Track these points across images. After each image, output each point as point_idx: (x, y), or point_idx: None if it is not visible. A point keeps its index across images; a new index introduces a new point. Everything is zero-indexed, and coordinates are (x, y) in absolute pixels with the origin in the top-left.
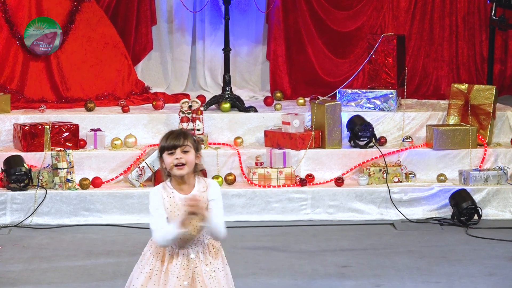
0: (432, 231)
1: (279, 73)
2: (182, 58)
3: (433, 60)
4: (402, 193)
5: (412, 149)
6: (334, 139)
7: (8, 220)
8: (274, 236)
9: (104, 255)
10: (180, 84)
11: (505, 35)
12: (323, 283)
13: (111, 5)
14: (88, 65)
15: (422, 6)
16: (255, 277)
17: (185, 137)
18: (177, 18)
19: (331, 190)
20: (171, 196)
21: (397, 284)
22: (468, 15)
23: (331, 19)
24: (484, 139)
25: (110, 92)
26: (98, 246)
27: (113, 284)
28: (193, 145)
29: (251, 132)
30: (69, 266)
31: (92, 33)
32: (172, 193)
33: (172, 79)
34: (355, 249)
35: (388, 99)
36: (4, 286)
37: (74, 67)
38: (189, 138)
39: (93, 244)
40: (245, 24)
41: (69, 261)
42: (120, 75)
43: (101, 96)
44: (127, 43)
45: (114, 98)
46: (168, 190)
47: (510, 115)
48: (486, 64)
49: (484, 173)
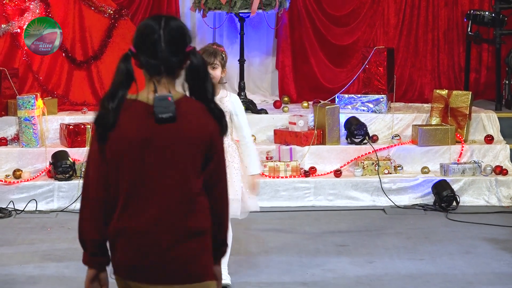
0: (417, 215)
1: (287, 80)
2: None
3: (418, 70)
4: (391, 183)
5: (400, 145)
6: (333, 137)
7: (55, 206)
8: (282, 219)
9: None
10: None
11: (479, 48)
12: (324, 260)
13: None
14: None
15: (408, 23)
16: (266, 255)
17: (215, 56)
18: (200, 34)
19: (331, 181)
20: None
21: (387, 261)
22: (448, 31)
23: (331, 34)
24: (462, 137)
25: None
26: None
27: None
28: (221, 63)
29: (263, 131)
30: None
31: (127, 46)
32: None
33: None
34: (351, 231)
35: (379, 102)
36: (53, 262)
37: (111, 75)
38: (218, 56)
39: None
40: (257, 38)
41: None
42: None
43: None
44: None
45: None
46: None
47: (483, 116)
48: (463, 73)
49: (461, 166)
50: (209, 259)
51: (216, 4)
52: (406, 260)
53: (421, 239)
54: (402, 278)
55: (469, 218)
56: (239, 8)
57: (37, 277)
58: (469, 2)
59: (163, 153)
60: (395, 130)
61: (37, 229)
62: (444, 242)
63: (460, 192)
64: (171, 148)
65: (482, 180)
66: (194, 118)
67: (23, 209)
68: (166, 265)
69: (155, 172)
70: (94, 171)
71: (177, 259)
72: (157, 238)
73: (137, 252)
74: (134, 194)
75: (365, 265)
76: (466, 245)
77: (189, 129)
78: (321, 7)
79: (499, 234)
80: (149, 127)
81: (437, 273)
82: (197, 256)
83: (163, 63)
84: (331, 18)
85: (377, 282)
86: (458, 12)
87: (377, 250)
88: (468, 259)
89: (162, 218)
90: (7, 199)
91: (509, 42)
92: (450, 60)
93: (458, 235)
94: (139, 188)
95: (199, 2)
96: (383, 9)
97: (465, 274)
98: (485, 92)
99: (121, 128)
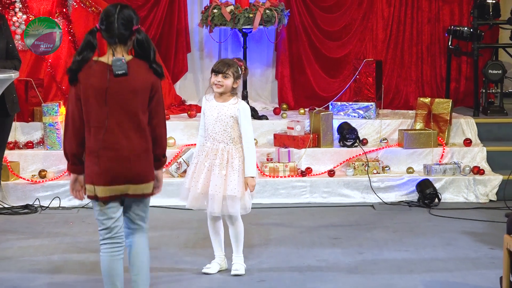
0: (403, 211)
1: (285, 89)
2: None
3: (404, 80)
4: (379, 182)
5: (387, 148)
6: (327, 140)
7: (77, 202)
8: (281, 215)
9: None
10: None
11: (459, 60)
12: (318, 251)
13: (156, 37)
14: None
15: (395, 38)
16: (267, 246)
17: (228, 67)
18: (207, 47)
19: (325, 180)
20: (209, 101)
21: (376, 252)
22: (431, 44)
23: (325, 48)
24: (443, 141)
25: None
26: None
27: (158, 251)
28: (233, 74)
29: (263, 135)
30: None
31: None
32: (211, 100)
33: (202, 94)
34: (343, 225)
35: (369, 109)
36: (75, 253)
37: None
38: (232, 68)
39: None
40: (258, 51)
41: None
42: (163, 91)
43: None
44: (168, 67)
45: None
46: (208, 98)
47: (462, 122)
48: (444, 82)
49: (442, 166)
50: (152, 167)
51: (221, 21)
52: (393, 251)
53: (406, 232)
54: (389, 267)
55: (450, 214)
56: (242, 24)
57: (61, 266)
58: (450, 19)
59: (119, 98)
60: (383, 134)
61: (60, 223)
62: (427, 235)
63: (442, 190)
64: (124, 94)
65: (462, 179)
66: (140, 73)
67: (47, 205)
68: (126, 172)
69: (115, 111)
70: (73, 107)
71: (133, 168)
72: (119, 154)
73: (107, 164)
74: (101, 125)
75: (355, 255)
76: (447, 238)
77: (136, 81)
78: (316, 23)
79: (477, 228)
80: (108, 80)
81: (420, 263)
82: (145, 165)
83: (117, 36)
84: (325, 33)
85: (367, 271)
86: (440, 28)
87: (367, 242)
88: (449, 250)
89: (122, 141)
90: (33, 197)
91: (486, 54)
92: (433, 71)
93: (440, 228)
94: (104, 121)
95: (206, 19)
96: (372, 25)
97: (446, 263)
98: (464, 100)
99: (89, 79)
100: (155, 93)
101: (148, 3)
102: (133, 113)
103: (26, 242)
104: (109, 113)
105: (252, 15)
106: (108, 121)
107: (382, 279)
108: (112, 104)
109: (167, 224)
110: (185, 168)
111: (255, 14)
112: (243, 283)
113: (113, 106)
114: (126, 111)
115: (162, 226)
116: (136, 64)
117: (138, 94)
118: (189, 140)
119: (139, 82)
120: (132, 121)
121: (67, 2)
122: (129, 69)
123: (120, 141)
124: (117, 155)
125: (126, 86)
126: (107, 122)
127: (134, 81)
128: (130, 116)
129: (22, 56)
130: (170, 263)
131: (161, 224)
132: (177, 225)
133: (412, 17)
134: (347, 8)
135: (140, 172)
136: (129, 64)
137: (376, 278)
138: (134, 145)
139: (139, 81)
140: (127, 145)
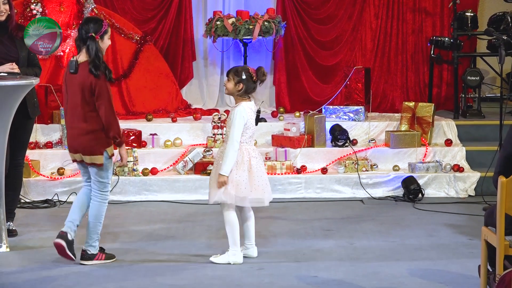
0: (389, 205)
1: (282, 94)
2: (214, 84)
3: (390, 85)
4: (368, 179)
5: (375, 147)
6: (321, 141)
7: None
8: (278, 209)
9: (159, 222)
10: (212, 102)
11: (441, 68)
12: (313, 242)
13: (164, 46)
14: (148, 89)
15: (382, 47)
16: (265, 238)
17: (230, 71)
18: (210, 56)
19: (319, 177)
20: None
21: (365, 243)
22: (415, 53)
23: (318, 56)
24: (426, 141)
25: (163, 108)
26: (155, 216)
27: (166, 242)
28: (233, 78)
29: (262, 136)
30: (135, 230)
31: (151, 66)
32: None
33: (207, 98)
34: (335, 218)
35: (358, 112)
36: None
37: (138, 90)
38: (231, 73)
39: (151, 214)
40: (258, 60)
41: (135, 226)
42: (170, 96)
43: (157, 111)
44: (175, 74)
45: (166, 112)
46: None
47: (444, 124)
48: (427, 88)
49: (426, 164)
50: (99, 144)
51: (224, 32)
52: (381, 241)
53: (392, 224)
54: (377, 256)
55: (432, 208)
56: (243, 35)
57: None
58: (432, 30)
59: (71, 90)
60: (371, 135)
61: None
62: (411, 227)
63: (425, 186)
64: (74, 88)
65: (443, 176)
66: (83, 73)
67: (65, 200)
68: (77, 146)
69: (70, 100)
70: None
71: (82, 143)
72: (72, 132)
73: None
74: (66, 111)
75: (346, 246)
76: (430, 230)
77: (80, 78)
78: (310, 34)
79: (456, 221)
80: (67, 76)
81: (405, 252)
82: (90, 142)
83: (78, 43)
84: (318, 43)
85: (357, 260)
86: (423, 38)
87: (357, 233)
88: (431, 240)
89: (74, 123)
90: (52, 192)
91: (465, 62)
92: (417, 77)
93: (423, 221)
94: (65, 107)
95: (210, 30)
96: (361, 36)
97: (429, 252)
98: (445, 104)
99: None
100: (95, 90)
101: (157, 16)
102: (80, 102)
103: (46, 233)
104: (67, 102)
105: (252, 26)
106: (66, 107)
107: (370, 267)
108: (69, 95)
109: (174, 218)
110: (190, 166)
111: (255, 25)
112: (244, 271)
113: (69, 97)
114: (75, 101)
115: (170, 220)
116: (84, 65)
117: (81, 89)
118: (195, 140)
119: (81, 79)
120: (81, 108)
121: (83, 15)
122: (79, 69)
123: (73, 123)
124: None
125: (74, 82)
126: (66, 107)
127: (79, 78)
128: (75, 105)
129: (42, 64)
130: (177, 252)
131: (169, 218)
132: (184, 218)
133: (397, 28)
134: (338, 20)
135: (86, 146)
136: (81, 65)
137: (366, 266)
138: (80, 127)
139: (81, 79)
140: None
